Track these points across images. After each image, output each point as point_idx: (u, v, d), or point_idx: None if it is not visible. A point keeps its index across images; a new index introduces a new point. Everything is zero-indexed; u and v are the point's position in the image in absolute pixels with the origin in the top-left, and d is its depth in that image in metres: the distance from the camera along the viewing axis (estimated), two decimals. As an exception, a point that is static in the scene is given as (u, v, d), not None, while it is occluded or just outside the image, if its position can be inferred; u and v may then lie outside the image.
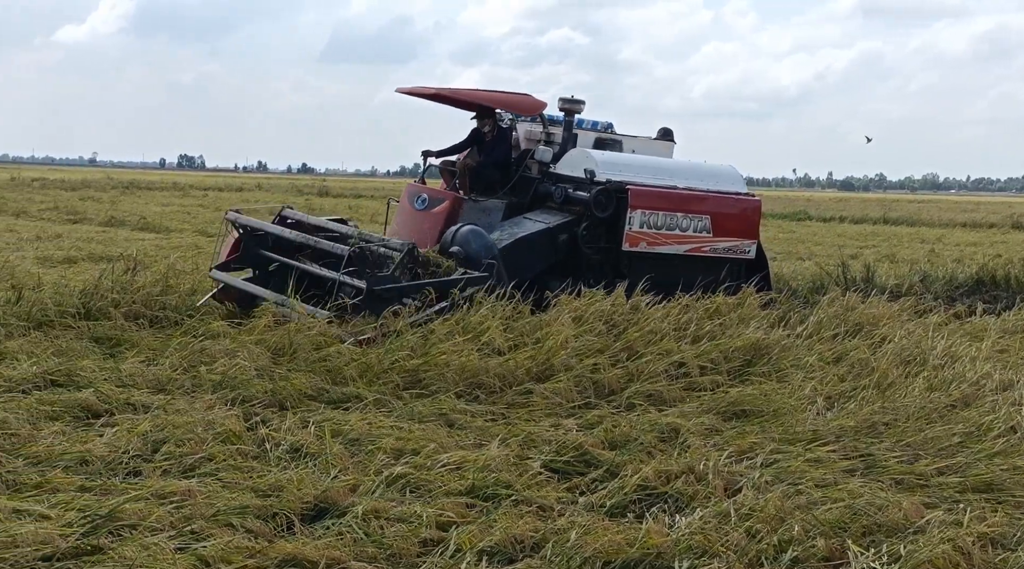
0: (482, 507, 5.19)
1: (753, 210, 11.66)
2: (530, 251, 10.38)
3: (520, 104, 11.70)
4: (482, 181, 11.39)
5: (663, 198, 10.89)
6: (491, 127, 11.64)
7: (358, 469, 5.69)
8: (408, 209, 11.48)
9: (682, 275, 10.63)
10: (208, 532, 4.58)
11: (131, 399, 6.89)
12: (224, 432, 6.12)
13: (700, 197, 11.18)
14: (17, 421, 6.11)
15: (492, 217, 10.85)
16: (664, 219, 10.78)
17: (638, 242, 10.69)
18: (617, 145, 12.04)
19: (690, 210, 10.97)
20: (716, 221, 11.14)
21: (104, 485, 5.20)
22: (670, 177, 11.24)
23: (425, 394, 7.47)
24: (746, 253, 11.42)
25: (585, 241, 10.57)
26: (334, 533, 4.69)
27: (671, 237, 10.86)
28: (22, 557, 4.17)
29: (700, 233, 11.02)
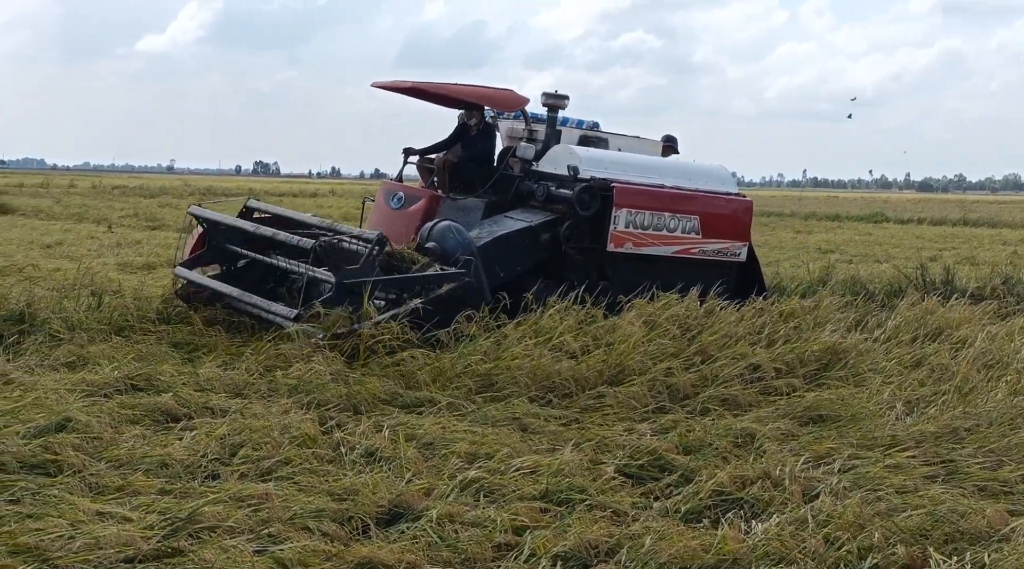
0: (556, 512, 5.17)
1: (744, 211, 11.09)
2: (510, 250, 9.97)
3: (501, 100, 11.31)
4: (462, 178, 11.00)
5: (650, 197, 10.42)
6: (478, 121, 11.22)
7: (432, 473, 5.72)
8: (383, 208, 11.11)
9: (669, 278, 10.15)
10: (285, 535, 4.62)
11: (209, 403, 6.98)
12: (300, 436, 6.18)
13: (689, 197, 10.70)
14: (99, 424, 6.23)
15: (471, 216, 10.44)
16: (651, 219, 10.32)
17: (623, 243, 10.23)
18: (603, 143, 11.60)
19: (678, 210, 10.49)
20: (705, 222, 10.64)
21: (184, 488, 5.28)
22: (658, 176, 10.77)
23: (498, 398, 7.48)
24: (737, 256, 10.91)
25: (568, 241, 10.11)
26: (409, 537, 4.72)
27: (658, 238, 10.39)
28: (105, 558, 4.25)
29: (689, 234, 10.54)
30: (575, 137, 11.45)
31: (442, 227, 9.51)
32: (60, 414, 6.29)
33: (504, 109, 11.57)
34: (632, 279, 9.99)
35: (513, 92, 11.17)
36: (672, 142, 12.65)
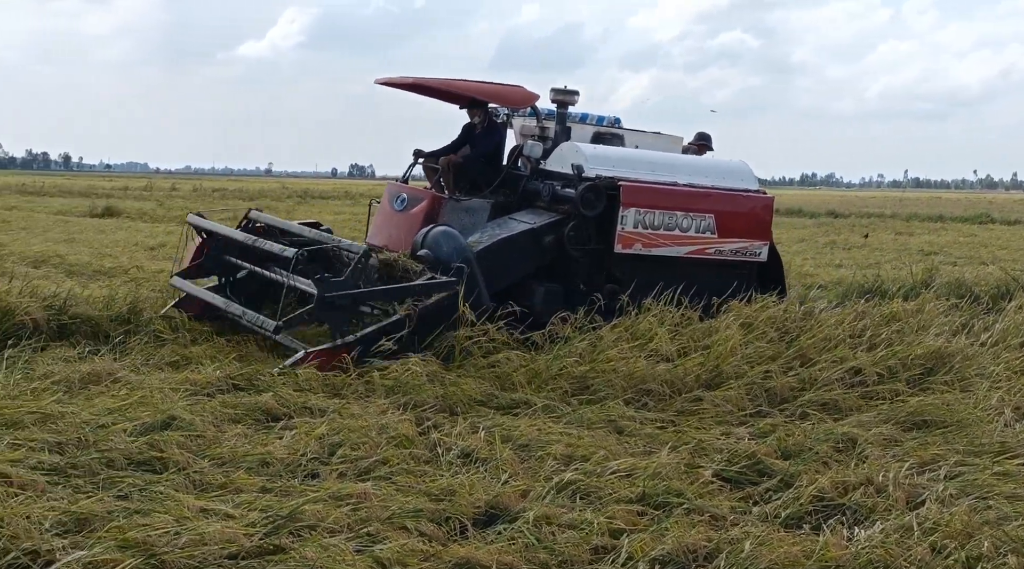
0: (653, 515, 5.14)
1: (764, 208, 10.50)
2: (512, 254, 9.51)
3: (510, 96, 10.85)
4: (468, 178, 10.57)
5: (660, 195, 9.87)
6: (482, 119, 10.79)
7: (528, 475, 5.72)
8: (387, 210, 10.74)
9: (684, 279, 9.61)
10: (384, 534, 4.66)
11: (308, 403, 7.08)
12: (397, 436, 6.24)
13: (703, 194, 10.13)
14: (203, 423, 6.36)
15: (476, 217, 10.05)
16: (662, 218, 9.76)
17: (632, 243, 9.69)
18: (618, 140, 11.11)
19: (691, 209, 9.94)
20: (721, 220, 10.06)
21: (284, 486, 5.36)
22: (670, 173, 10.20)
23: (593, 400, 7.46)
24: (757, 255, 10.29)
25: (572, 243, 9.60)
26: (506, 538, 4.72)
27: (670, 238, 9.82)
28: (210, 555, 4.33)
29: (703, 234, 9.96)
30: (588, 134, 11.00)
31: (436, 233, 9.18)
32: (165, 412, 6.45)
33: (512, 106, 11.16)
34: (644, 282, 9.55)
35: (522, 88, 10.72)
36: (706, 140, 12.17)
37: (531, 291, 9.39)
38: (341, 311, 8.26)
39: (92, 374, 7.43)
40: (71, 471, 5.45)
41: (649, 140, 11.27)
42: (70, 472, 5.44)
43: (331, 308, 8.20)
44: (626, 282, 9.58)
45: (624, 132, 11.24)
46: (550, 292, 9.44)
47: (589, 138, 10.91)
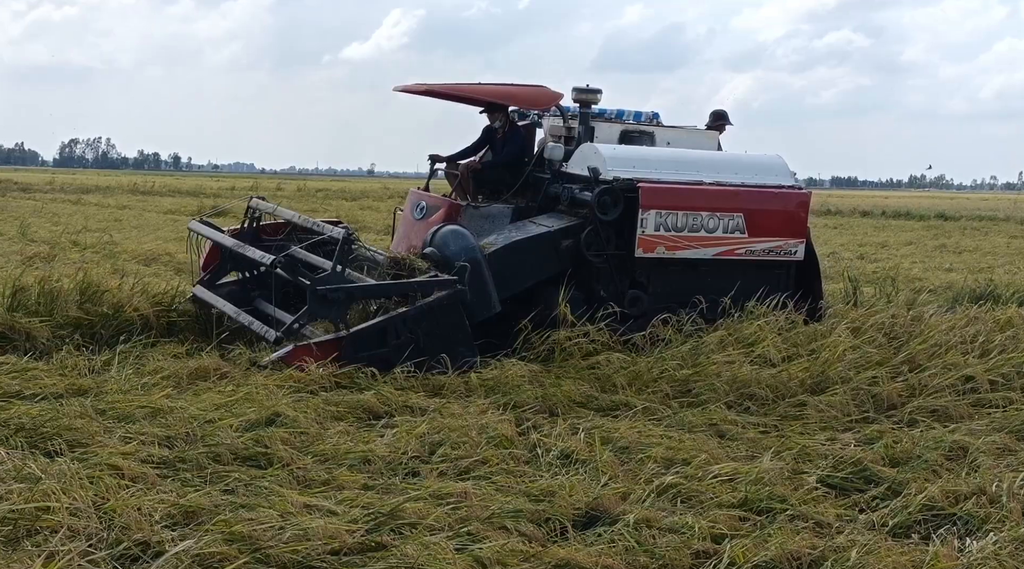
0: (756, 521, 5.06)
1: (799, 205, 9.96)
2: (526, 258, 9.20)
3: (532, 97, 10.45)
4: (489, 184, 10.29)
5: (683, 195, 9.42)
6: (503, 122, 10.43)
7: (628, 477, 5.68)
8: (409, 219, 10.46)
9: (715, 282, 9.32)
10: (483, 534, 4.67)
11: (409, 402, 7.15)
12: (497, 436, 6.25)
13: (730, 193, 9.64)
14: (306, 420, 6.46)
15: (497, 224, 9.72)
16: (685, 219, 9.31)
17: (654, 247, 9.26)
18: (647, 138, 10.62)
19: (718, 208, 9.47)
20: (751, 219, 9.57)
21: (386, 484, 5.41)
22: (696, 171, 9.74)
23: (695, 404, 7.39)
24: (792, 254, 9.77)
25: (589, 247, 9.24)
26: (606, 541, 4.69)
27: (695, 240, 9.37)
28: (313, 550, 4.39)
29: (732, 234, 9.49)
30: (616, 132, 10.54)
31: (444, 232, 9.00)
32: (270, 409, 6.56)
33: (533, 107, 10.80)
34: (670, 286, 9.33)
35: (545, 88, 10.34)
36: (723, 117, 11.52)
37: (549, 299, 9.10)
38: (336, 305, 8.04)
39: (200, 370, 7.60)
40: (180, 465, 5.58)
41: (683, 136, 10.84)
42: (179, 466, 5.57)
43: (324, 301, 7.98)
44: (650, 287, 9.32)
45: (655, 129, 10.79)
46: (569, 299, 9.04)
47: (617, 137, 10.53)
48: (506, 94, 10.31)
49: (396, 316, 8.08)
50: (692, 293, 9.19)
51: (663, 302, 9.14)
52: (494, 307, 8.67)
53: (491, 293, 8.67)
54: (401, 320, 8.06)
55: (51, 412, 6.24)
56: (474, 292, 8.42)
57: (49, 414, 6.19)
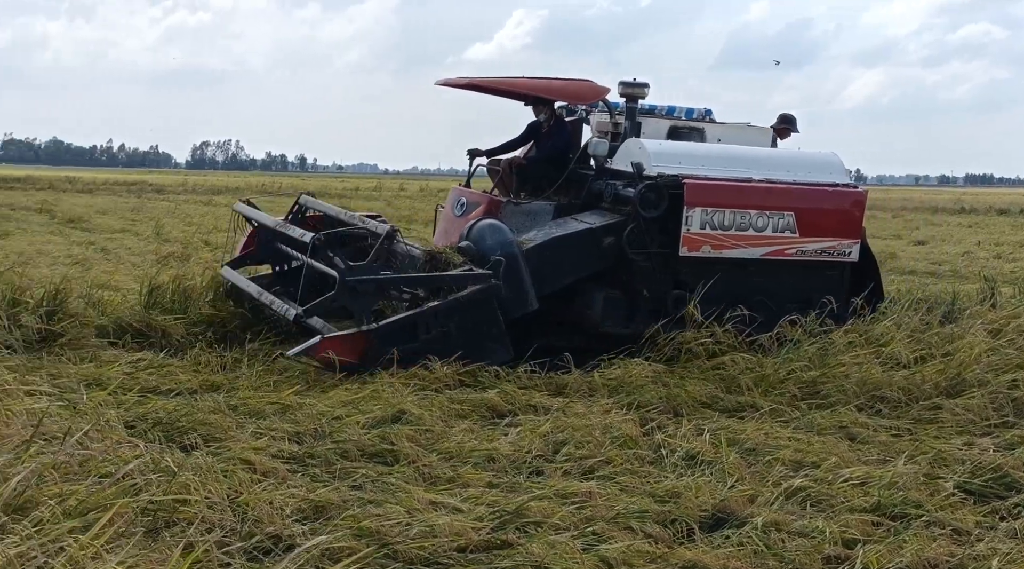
0: (889, 526, 4.91)
1: (853, 204, 9.49)
2: (566, 255, 8.89)
3: (577, 91, 10.12)
4: (532, 180, 10.05)
5: (731, 193, 9.04)
6: (548, 117, 10.18)
7: (755, 479, 5.59)
8: (449, 215, 10.29)
9: (762, 282, 8.98)
10: (609, 534, 4.64)
11: (532, 401, 7.16)
12: (621, 436, 6.21)
13: (781, 191, 9.22)
14: (431, 418, 6.51)
15: (538, 220, 9.44)
16: (733, 218, 8.92)
17: (699, 246, 8.89)
18: (696, 134, 10.33)
19: (767, 206, 9.07)
20: (803, 218, 9.15)
21: (510, 482, 5.42)
22: (746, 168, 9.34)
23: (824, 406, 7.23)
24: (846, 255, 9.33)
25: (631, 245, 8.89)
26: (734, 543, 4.61)
27: (743, 239, 8.98)
28: (440, 547, 4.42)
29: (782, 233, 9.08)
30: (664, 128, 10.27)
31: (481, 225, 8.80)
32: (395, 406, 6.64)
33: (578, 101, 10.50)
34: (716, 287, 8.90)
35: (590, 83, 10.01)
36: (789, 122, 10.96)
37: (590, 298, 8.94)
38: (365, 297, 7.89)
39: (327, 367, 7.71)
40: (309, 460, 5.69)
41: (735, 133, 10.50)
42: (308, 461, 5.67)
43: (353, 293, 7.82)
44: (695, 288, 8.95)
45: (705, 125, 10.49)
46: (610, 299, 8.91)
47: (665, 133, 10.25)
48: (550, 88, 10.07)
49: (427, 310, 7.91)
50: (740, 294, 8.89)
51: (709, 303, 8.84)
52: (531, 304, 8.48)
53: (528, 289, 8.47)
54: (432, 314, 7.89)
55: (186, 407, 6.43)
56: (510, 288, 8.27)
57: (184, 409, 6.38)
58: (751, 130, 10.60)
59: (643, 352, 8.33)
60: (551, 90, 10.03)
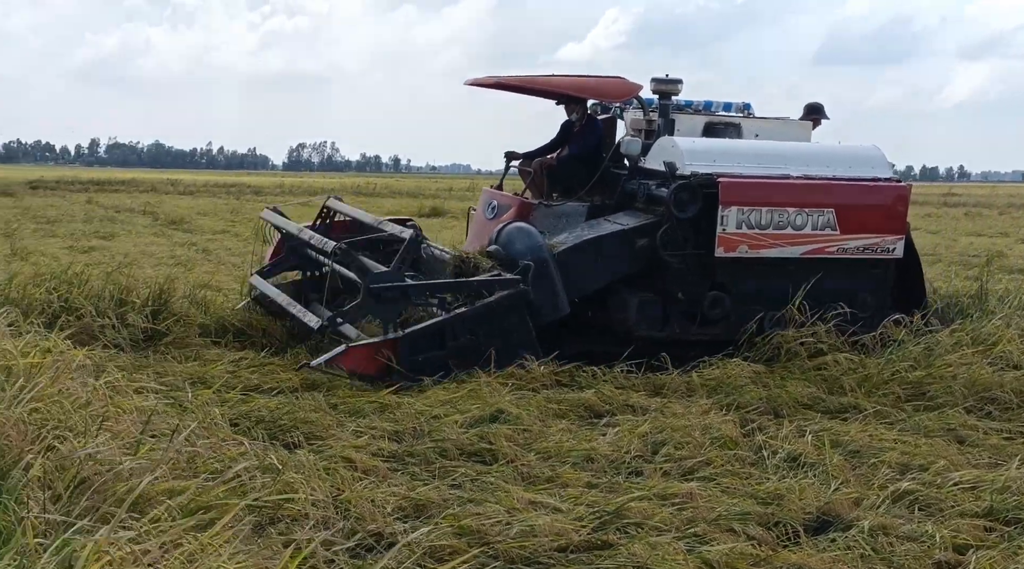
0: (1003, 532, 4.78)
1: (897, 199, 9.13)
2: (598, 257, 8.65)
3: (608, 89, 9.85)
4: (564, 181, 9.83)
5: (767, 190, 8.74)
6: (580, 116, 9.93)
7: (860, 482, 5.48)
8: (481, 218, 10.07)
9: (803, 282, 8.64)
10: (711, 536, 4.59)
11: (630, 401, 7.12)
12: (721, 437, 6.14)
13: (820, 187, 8.92)
14: (529, 417, 6.52)
15: (571, 222, 9.21)
16: (770, 216, 8.63)
17: (736, 246, 8.59)
18: (733, 129, 9.95)
19: (806, 203, 8.76)
20: (843, 215, 8.82)
21: (609, 483, 5.40)
22: (783, 164, 9.03)
23: (930, 407, 7.06)
24: (890, 252, 8.96)
25: (665, 247, 8.59)
26: (840, 547, 4.53)
27: (781, 237, 8.68)
28: (540, 546, 4.42)
29: (822, 231, 8.76)
30: (699, 125, 9.93)
31: (510, 229, 8.61)
32: (493, 406, 6.66)
33: (609, 99, 10.23)
34: (754, 287, 8.70)
35: (623, 80, 9.72)
36: (817, 111, 10.60)
37: (624, 301, 8.73)
38: (390, 303, 7.80)
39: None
40: (408, 459, 5.74)
41: (773, 127, 10.15)
42: (407, 460, 5.72)
43: (378, 299, 7.73)
44: (733, 288, 8.74)
45: (743, 120, 10.13)
46: (644, 302, 8.67)
47: (700, 130, 9.93)
48: (580, 86, 9.85)
49: (455, 316, 7.78)
50: (780, 294, 8.66)
51: (748, 303, 8.66)
52: (562, 308, 8.33)
53: (559, 293, 8.30)
54: (460, 320, 7.75)
55: (288, 406, 6.54)
56: (540, 292, 8.14)
57: (286, 407, 6.49)
58: (790, 124, 10.29)
59: (741, 352, 8.22)
60: (581, 88, 9.85)
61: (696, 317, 8.59)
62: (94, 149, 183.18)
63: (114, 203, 31.25)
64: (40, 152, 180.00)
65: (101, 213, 26.84)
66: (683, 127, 9.83)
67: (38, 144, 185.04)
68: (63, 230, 20.54)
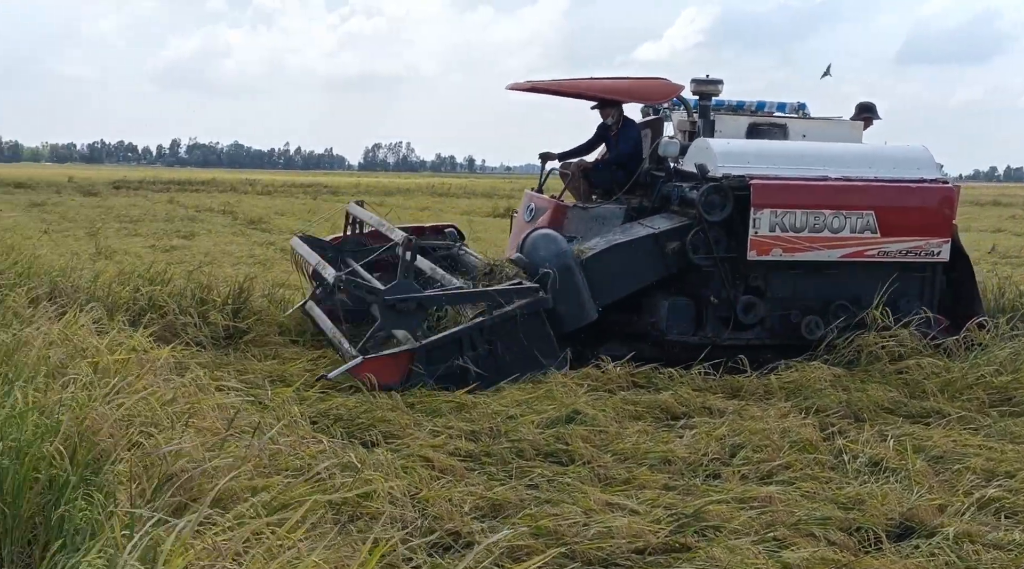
0: (1094, 542, 4.65)
1: (942, 200, 8.77)
2: (628, 262, 8.51)
3: (647, 90, 9.68)
4: (602, 183, 9.69)
5: (802, 192, 8.51)
6: (616, 118, 9.74)
7: (944, 488, 5.38)
8: (520, 221, 9.92)
9: (842, 286, 8.55)
10: (791, 540, 4.54)
11: (707, 403, 7.08)
12: (800, 441, 6.07)
13: (859, 188, 8.62)
14: (605, 419, 6.51)
15: (607, 225, 9.03)
16: (805, 218, 8.40)
17: (769, 249, 8.39)
18: (779, 130, 9.74)
19: (843, 205, 8.50)
20: (884, 217, 8.52)
21: (687, 485, 5.37)
22: (822, 166, 8.77)
23: (1017, 413, 6.91)
24: (935, 255, 8.65)
25: (696, 250, 8.44)
26: (925, 553, 4.45)
27: (817, 240, 8.45)
28: (617, 548, 4.41)
29: (861, 233, 8.50)
30: (742, 126, 9.72)
31: (535, 236, 8.48)
32: (569, 407, 6.66)
33: (647, 101, 10.07)
34: (793, 292, 8.56)
35: (663, 81, 9.55)
36: (869, 110, 10.26)
37: (655, 305, 8.59)
38: (408, 315, 7.65)
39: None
40: (485, 458, 5.76)
41: (822, 128, 9.91)
42: (484, 459, 5.75)
43: (395, 312, 7.61)
44: (768, 292, 8.56)
45: (789, 121, 9.88)
46: (676, 307, 8.54)
47: (744, 131, 9.72)
48: (617, 88, 9.69)
49: (472, 326, 7.67)
50: (818, 298, 8.53)
51: (783, 308, 8.53)
52: (589, 315, 8.21)
53: (585, 300, 8.18)
54: (478, 330, 7.64)
55: (365, 404, 6.61)
56: (564, 300, 8.02)
57: (364, 406, 6.56)
58: (841, 125, 10.04)
59: (820, 355, 8.12)
60: (618, 91, 9.70)
61: (730, 321, 8.49)
62: (175, 149, 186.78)
63: (194, 203, 31.81)
64: (123, 153, 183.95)
65: (182, 213, 27.35)
66: (725, 128, 9.69)
67: (120, 145, 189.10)
68: (145, 229, 20.97)
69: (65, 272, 9.38)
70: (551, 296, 7.87)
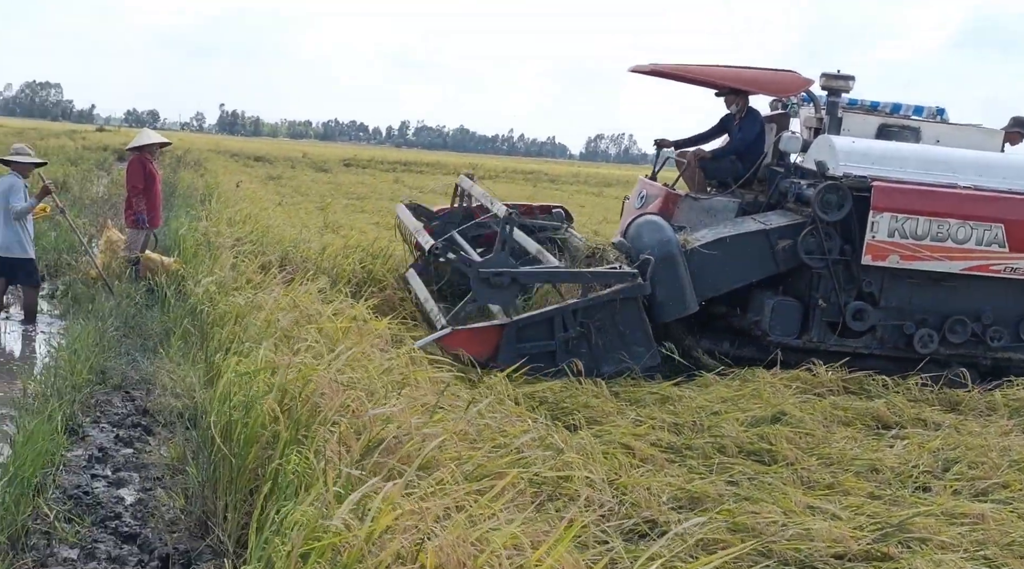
0: None
1: None
2: (735, 257, 8.17)
3: (775, 83, 9.20)
4: (718, 175, 9.24)
5: (927, 199, 8.02)
6: (740, 108, 9.30)
7: None
8: (631, 208, 9.63)
9: (961, 300, 8.03)
10: (1003, 560, 4.37)
11: (922, 415, 6.88)
12: (1021, 460, 5.82)
13: (988, 199, 8.09)
14: (812, 422, 6.40)
15: (719, 218, 8.70)
16: (927, 226, 7.93)
17: (886, 255, 7.96)
18: (910, 133, 9.06)
19: (970, 215, 7.99)
20: (1013, 231, 7.99)
21: (893, 495, 5.23)
22: (951, 173, 8.26)
23: None
24: None
25: (807, 250, 8.10)
26: None
27: (939, 250, 7.96)
28: (815, 551, 4.34)
29: (987, 247, 7.97)
30: (872, 126, 9.12)
31: (640, 222, 8.24)
32: (775, 407, 6.58)
33: (775, 94, 9.61)
34: (908, 302, 8.07)
35: (793, 74, 9.11)
36: (1022, 125, 9.49)
37: (759, 304, 8.19)
38: (501, 289, 7.57)
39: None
40: (686, 451, 5.77)
41: (958, 134, 9.21)
42: (685, 452, 5.76)
43: (487, 285, 7.55)
44: (881, 300, 8.09)
45: (923, 125, 9.24)
46: (781, 307, 8.18)
47: (874, 131, 9.14)
48: (744, 78, 9.27)
49: (566, 306, 7.53)
50: (934, 311, 8.08)
51: (896, 318, 8.06)
52: (689, 306, 7.96)
53: (686, 291, 7.93)
54: (571, 311, 7.49)
55: (570, 390, 6.72)
56: (663, 288, 7.81)
57: (568, 391, 6.68)
58: (978, 133, 9.38)
59: None
60: (745, 80, 9.29)
61: (837, 327, 8.16)
62: (403, 131, 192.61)
63: (419, 184, 32.72)
64: (354, 131, 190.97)
65: (406, 192, 28.19)
66: (854, 127, 9.21)
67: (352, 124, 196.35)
68: (371, 206, 21.73)
69: (296, 243, 9.88)
70: (649, 283, 7.77)
